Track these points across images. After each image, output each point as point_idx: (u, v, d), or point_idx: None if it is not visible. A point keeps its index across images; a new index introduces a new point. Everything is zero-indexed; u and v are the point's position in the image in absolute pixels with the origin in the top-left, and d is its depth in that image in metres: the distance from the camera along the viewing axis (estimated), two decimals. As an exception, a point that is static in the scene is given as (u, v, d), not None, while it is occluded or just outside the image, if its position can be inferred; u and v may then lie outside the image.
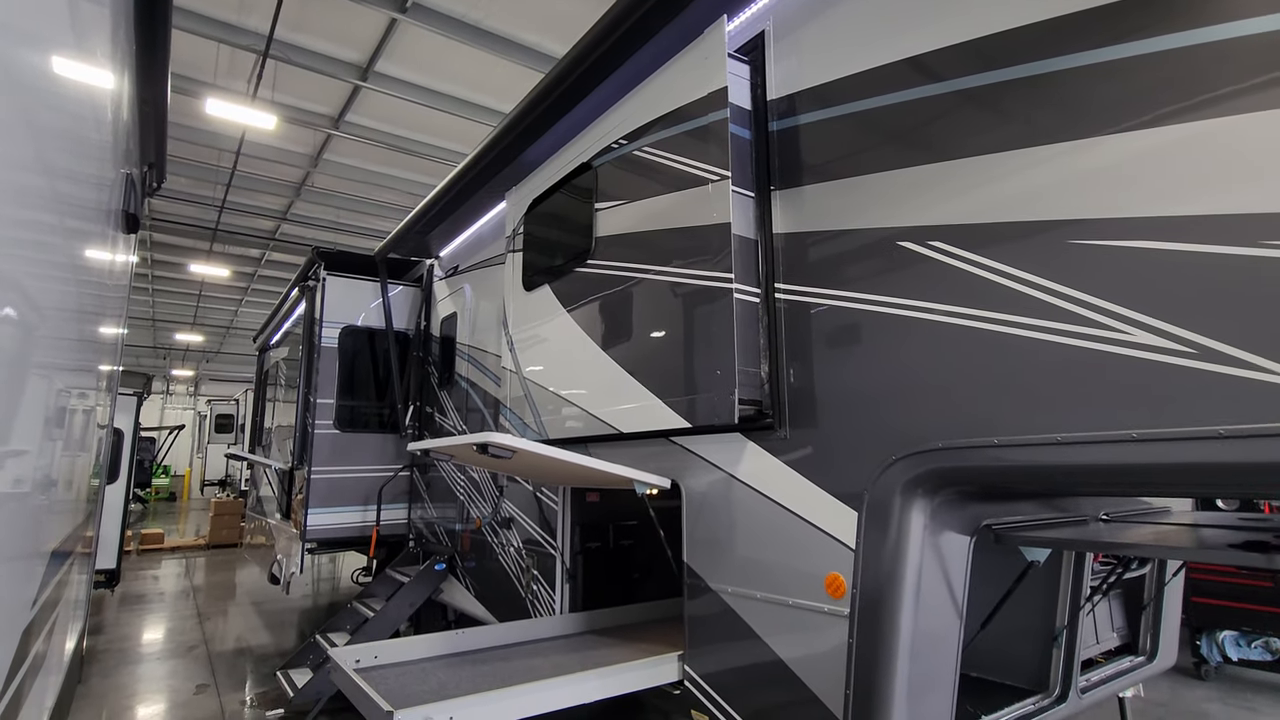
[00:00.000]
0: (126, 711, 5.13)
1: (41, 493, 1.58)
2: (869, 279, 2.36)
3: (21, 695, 1.40)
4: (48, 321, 1.51)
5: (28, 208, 1.30)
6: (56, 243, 1.63)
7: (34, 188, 1.31)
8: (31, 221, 1.36)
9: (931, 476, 2.13)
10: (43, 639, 1.72)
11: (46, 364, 1.57)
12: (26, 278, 1.30)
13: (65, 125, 1.63)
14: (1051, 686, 2.93)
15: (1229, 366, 1.53)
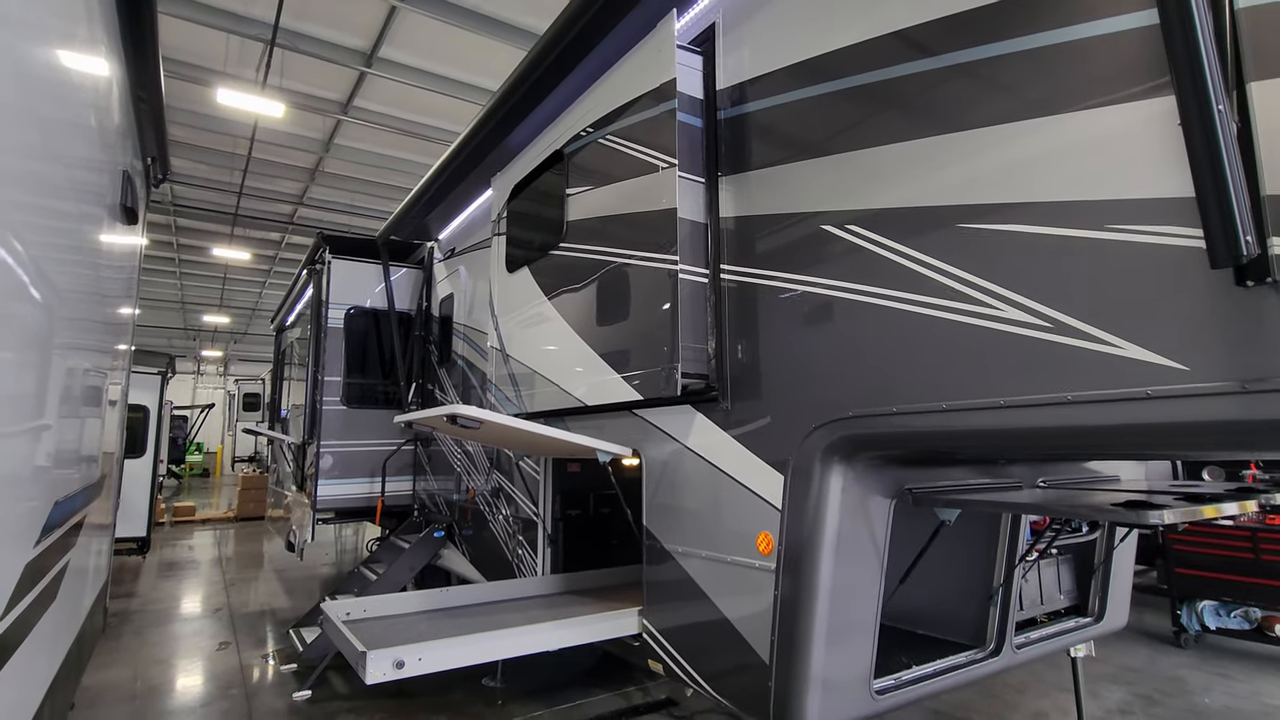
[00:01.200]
0: (155, 664, 5.56)
1: (44, 455, 1.84)
2: (799, 261, 2.52)
3: (32, 613, 1.67)
4: (57, 308, 1.76)
5: (40, 211, 1.53)
6: (62, 240, 1.87)
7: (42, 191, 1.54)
8: (43, 222, 1.59)
9: (845, 443, 2.31)
10: (51, 577, 2.00)
11: (57, 344, 1.82)
12: (39, 271, 1.54)
13: (63, 133, 1.86)
14: (988, 642, 3.12)
15: (1078, 340, 1.69)
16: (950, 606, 3.25)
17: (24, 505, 1.58)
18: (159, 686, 5.08)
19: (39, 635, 1.78)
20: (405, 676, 2.64)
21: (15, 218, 1.45)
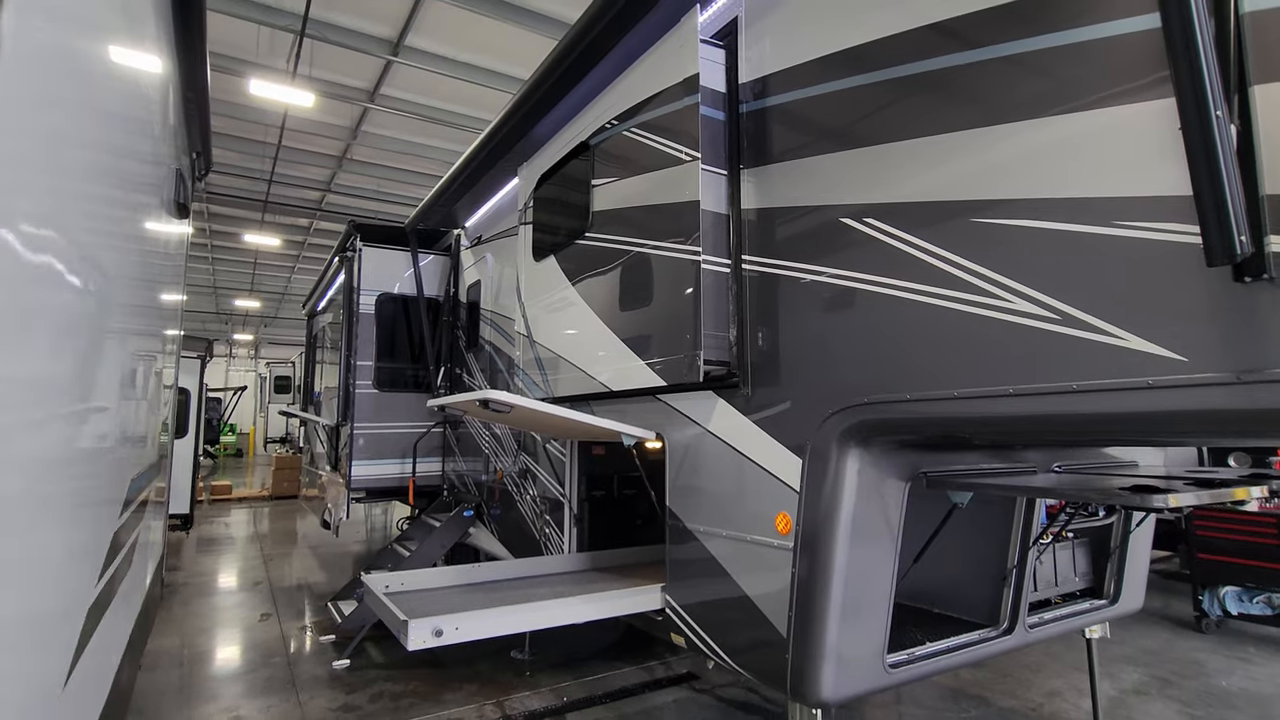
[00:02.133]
0: (202, 633, 5.87)
1: (121, 435, 2.02)
2: (817, 252, 2.61)
3: (116, 579, 1.86)
4: (129, 299, 1.92)
5: (106, 205, 1.67)
6: (132, 236, 2.03)
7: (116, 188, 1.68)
8: (108, 216, 1.74)
9: (861, 428, 2.41)
10: (128, 548, 2.19)
11: (130, 332, 1.98)
12: (117, 266, 1.69)
13: (130, 132, 2.01)
14: (1001, 620, 3.21)
15: (1084, 331, 1.76)
16: (965, 587, 3.34)
17: (111, 482, 1.75)
18: (207, 654, 5.37)
19: (120, 599, 1.97)
20: (443, 644, 2.82)
21: (101, 212, 1.60)
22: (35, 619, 1.21)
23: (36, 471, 1.18)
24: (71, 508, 1.45)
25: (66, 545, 1.41)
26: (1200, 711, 4.17)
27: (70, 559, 1.46)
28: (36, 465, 1.18)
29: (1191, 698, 4.38)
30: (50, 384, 1.22)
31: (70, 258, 1.28)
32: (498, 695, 4.44)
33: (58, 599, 1.38)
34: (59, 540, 1.34)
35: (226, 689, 4.63)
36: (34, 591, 1.20)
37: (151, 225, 2.44)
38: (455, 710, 4.23)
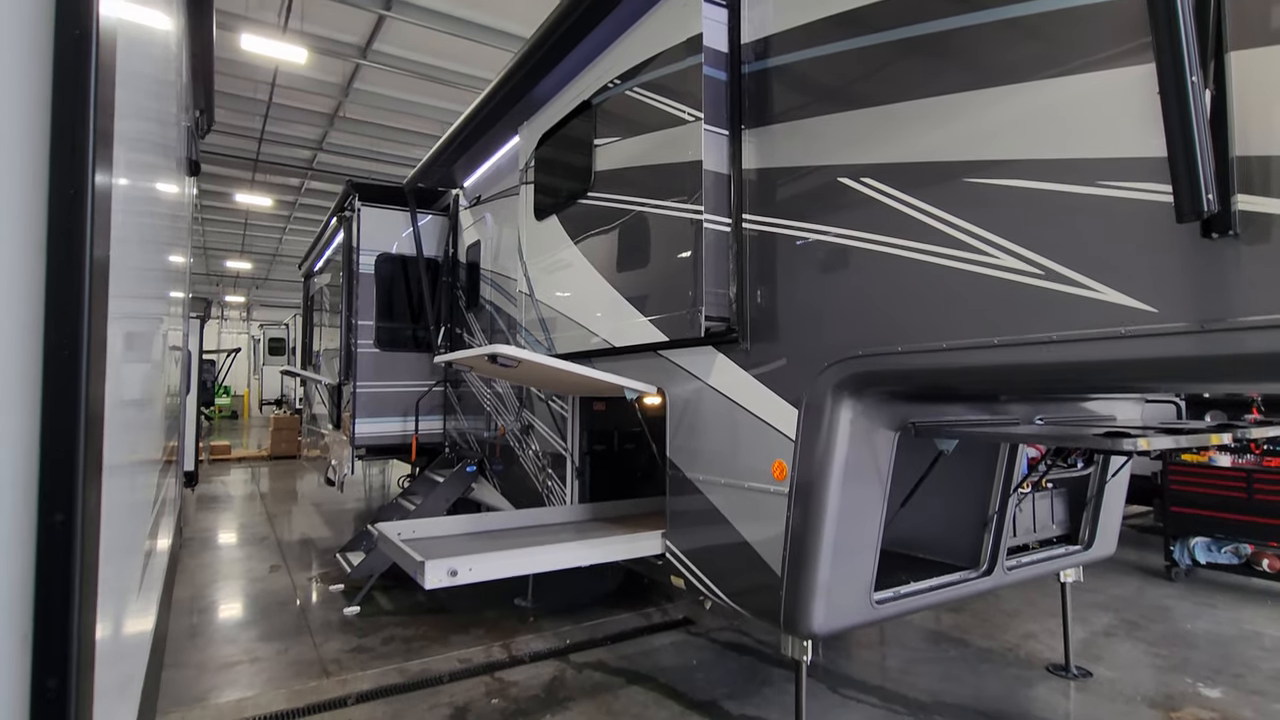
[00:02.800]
0: (216, 583, 6.08)
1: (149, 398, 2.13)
2: (816, 211, 2.71)
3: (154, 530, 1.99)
4: (154, 261, 2.01)
5: (128, 164, 1.74)
6: (146, 192, 2.10)
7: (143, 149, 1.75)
8: (130, 173, 1.81)
9: (854, 379, 2.55)
10: (162, 495, 2.32)
11: (156, 295, 2.07)
12: (146, 228, 1.77)
13: (146, 83, 2.06)
14: (981, 563, 3.41)
15: (1064, 285, 1.89)
16: (948, 533, 3.54)
17: (155, 430, 1.87)
18: (220, 602, 5.58)
19: (157, 544, 2.10)
20: (458, 583, 2.99)
21: (132, 177, 1.68)
22: (128, 546, 1.34)
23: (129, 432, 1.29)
24: (142, 459, 1.57)
25: (140, 486, 1.53)
26: (1165, 651, 4.45)
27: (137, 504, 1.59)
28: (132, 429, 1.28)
29: (1157, 639, 4.65)
30: (120, 348, 1.32)
31: (124, 225, 1.37)
32: (504, 638, 4.66)
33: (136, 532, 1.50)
34: (139, 483, 1.45)
35: (242, 634, 4.84)
36: (128, 522, 1.32)
37: (171, 185, 2.51)
38: (464, 651, 4.45)
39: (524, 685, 3.96)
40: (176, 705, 3.71)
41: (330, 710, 3.66)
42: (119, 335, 1.27)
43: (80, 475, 0.74)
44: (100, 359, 0.85)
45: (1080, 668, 4.14)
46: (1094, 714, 3.61)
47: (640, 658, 4.38)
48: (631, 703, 3.75)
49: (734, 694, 3.86)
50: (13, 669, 0.72)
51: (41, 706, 0.70)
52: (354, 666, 4.22)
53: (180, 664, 4.26)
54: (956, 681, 4.01)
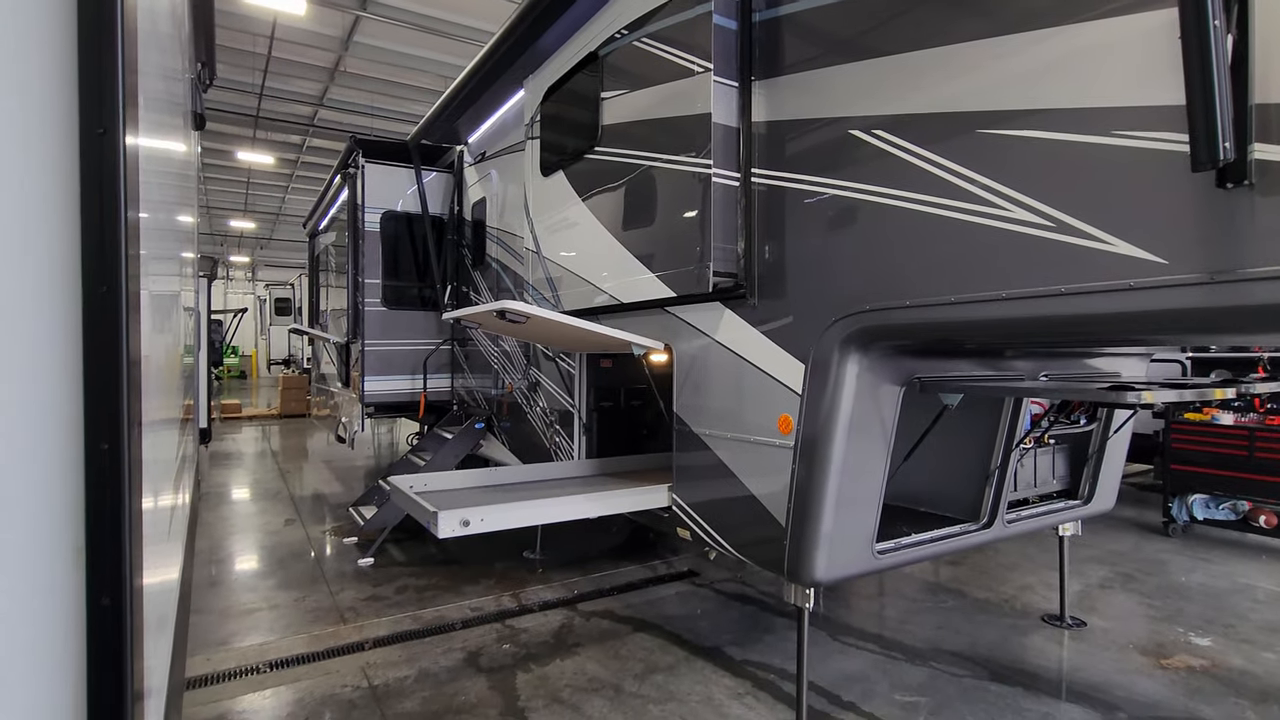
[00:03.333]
0: (233, 535, 6.24)
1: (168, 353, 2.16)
2: (826, 164, 2.68)
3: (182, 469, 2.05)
4: (168, 218, 2.01)
5: (146, 120, 1.74)
6: (161, 147, 2.10)
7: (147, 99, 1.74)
8: (148, 127, 1.81)
9: (861, 334, 2.56)
10: (183, 449, 2.38)
11: (172, 256, 2.08)
12: (163, 187, 1.77)
13: (157, 37, 2.04)
14: (981, 516, 3.48)
15: (1075, 237, 1.89)
16: (950, 487, 3.60)
17: (175, 386, 1.91)
18: (237, 553, 5.74)
19: (181, 492, 2.17)
20: (470, 533, 3.07)
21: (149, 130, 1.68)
22: (157, 489, 1.39)
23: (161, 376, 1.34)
24: (165, 413, 1.61)
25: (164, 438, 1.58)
26: (1158, 603, 4.55)
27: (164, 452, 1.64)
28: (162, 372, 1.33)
29: (1151, 591, 4.76)
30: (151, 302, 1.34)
31: (143, 181, 1.38)
32: (513, 589, 4.80)
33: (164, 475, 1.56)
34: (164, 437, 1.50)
35: (261, 583, 4.99)
36: (157, 466, 1.37)
37: (181, 139, 2.50)
38: (475, 600, 4.59)
39: (534, 632, 4.10)
40: (202, 648, 3.86)
41: (349, 654, 3.80)
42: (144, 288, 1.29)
43: (124, 406, 0.78)
44: (136, 299, 0.88)
45: (1075, 618, 4.25)
46: (1087, 661, 3.72)
47: (646, 607, 4.51)
48: (638, 648, 3.88)
49: (737, 641, 3.98)
50: (68, 587, 0.76)
51: (97, 620, 0.76)
52: (370, 614, 4.37)
53: (204, 610, 4.41)
54: (953, 630, 4.13)
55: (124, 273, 0.79)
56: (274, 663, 3.70)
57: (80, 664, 0.75)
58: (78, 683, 0.76)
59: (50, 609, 0.75)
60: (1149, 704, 3.29)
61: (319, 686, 3.43)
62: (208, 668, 3.63)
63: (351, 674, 3.56)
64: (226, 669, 3.63)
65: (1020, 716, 3.18)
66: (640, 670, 3.61)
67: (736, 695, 3.36)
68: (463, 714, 3.17)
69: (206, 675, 3.56)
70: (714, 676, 3.55)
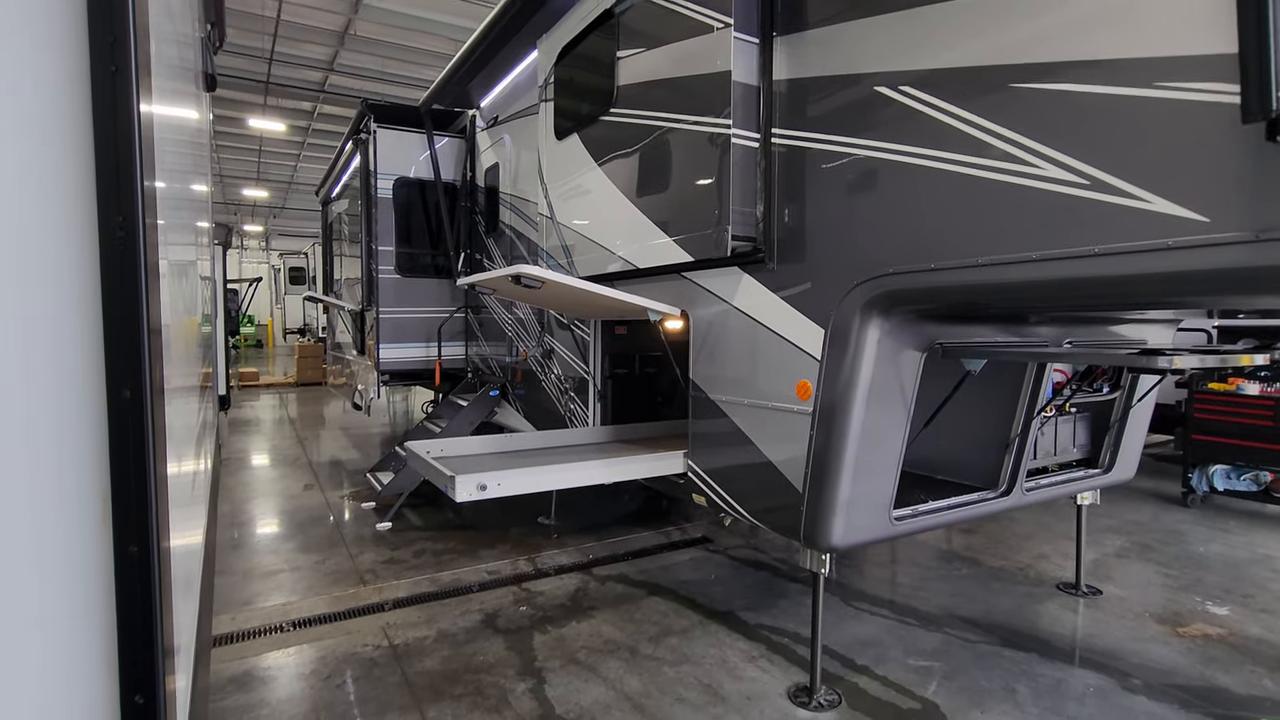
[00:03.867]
0: (254, 499, 6.35)
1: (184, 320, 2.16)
2: (849, 123, 2.60)
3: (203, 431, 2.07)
4: (184, 187, 1.99)
5: (159, 86, 1.71)
6: (174, 110, 2.06)
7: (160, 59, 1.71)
8: (161, 91, 1.78)
9: (883, 298, 2.51)
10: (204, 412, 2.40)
11: (189, 224, 2.06)
12: (179, 154, 1.74)
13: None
14: (1000, 484, 3.45)
15: (1111, 195, 1.82)
16: (968, 455, 3.57)
17: (192, 352, 1.91)
18: (259, 517, 5.84)
19: (203, 457, 2.19)
20: (487, 497, 3.09)
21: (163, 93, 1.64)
22: (180, 450, 1.40)
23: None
24: (183, 376, 1.62)
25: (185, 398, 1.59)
26: (1176, 572, 4.53)
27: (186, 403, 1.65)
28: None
29: (1169, 560, 4.73)
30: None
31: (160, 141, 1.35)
32: (529, 553, 4.86)
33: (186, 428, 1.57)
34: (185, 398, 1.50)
35: (282, 545, 5.09)
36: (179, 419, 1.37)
37: (193, 101, 2.46)
38: (492, 564, 4.66)
39: (550, 595, 4.16)
40: (228, 608, 3.95)
41: (369, 614, 3.88)
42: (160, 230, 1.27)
43: (145, 354, 0.77)
44: (153, 238, 0.86)
45: (1090, 586, 4.24)
46: (1102, 629, 3.72)
47: (660, 572, 4.55)
48: (653, 611, 3.92)
49: (751, 606, 4.02)
50: (95, 537, 0.77)
51: (125, 569, 0.76)
52: (389, 576, 4.44)
53: (227, 571, 4.51)
54: (967, 598, 4.14)
55: (140, 212, 0.77)
56: (296, 622, 3.78)
57: (109, 610, 0.76)
58: (108, 628, 0.76)
59: (80, 557, 0.75)
60: (1164, 671, 3.29)
61: (341, 645, 3.51)
62: (233, 626, 3.72)
63: (372, 634, 3.64)
64: (251, 628, 3.71)
65: (1034, 682, 3.19)
66: (655, 633, 3.66)
67: (750, 658, 3.40)
68: (481, 673, 3.23)
69: (232, 633, 3.64)
70: (728, 640, 3.59)
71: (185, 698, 1.29)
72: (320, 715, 2.89)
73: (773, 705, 2.99)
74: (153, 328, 0.78)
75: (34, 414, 0.76)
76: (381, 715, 2.89)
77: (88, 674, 0.77)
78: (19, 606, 0.75)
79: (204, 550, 2.30)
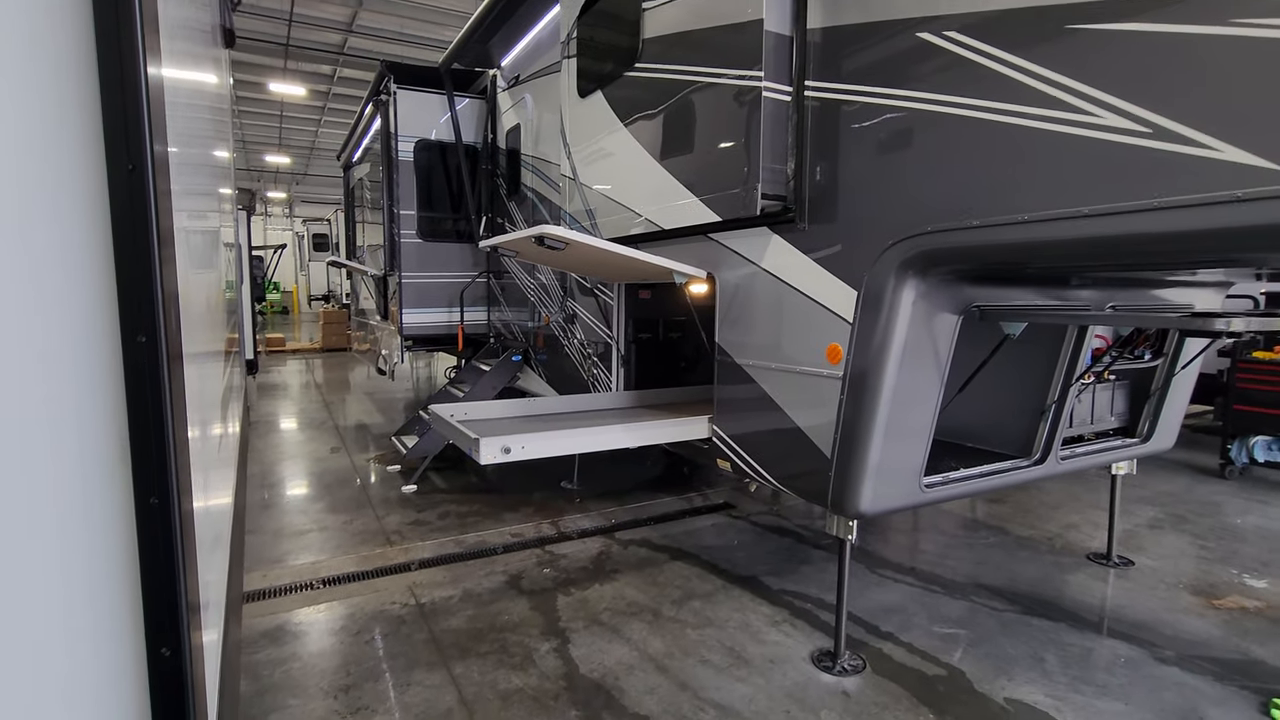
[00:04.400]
0: (284, 461, 6.47)
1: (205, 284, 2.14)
2: (888, 74, 2.47)
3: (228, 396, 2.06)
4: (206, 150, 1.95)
5: (171, 49, 1.65)
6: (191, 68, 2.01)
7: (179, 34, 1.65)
8: (173, 48, 1.73)
9: (921, 258, 2.42)
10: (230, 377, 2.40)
11: (195, 190, 2.02)
12: (199, 118, 1.69)
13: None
14: (1034, 452, 3.37)
15: (1175, 144, 1.70)
16: (1003, 423, 3.48)
17: (215, 315, 1.89)
18: (288, 479, 5.95)
19: (230, 419, 2.19)
20: (511, 460, 3.09)
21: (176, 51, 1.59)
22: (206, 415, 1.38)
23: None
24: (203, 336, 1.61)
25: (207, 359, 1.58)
26: (1211, 544, 4.42)
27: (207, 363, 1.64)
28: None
29: (1204, 532, 4.63)
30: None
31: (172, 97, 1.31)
32: (552, 517, 4.89)
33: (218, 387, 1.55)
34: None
35: (310, 506, 5.18)
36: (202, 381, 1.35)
37: (211, 59, 2.41)
38: (515, 526, 4.70)
39: (573, 558, 4.18)
40: (259, 565, 4.04)
41: (395, 574, 3.94)
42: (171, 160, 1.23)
43: (159, 299, 0.73)
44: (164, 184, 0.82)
45: (1122, 556, 4.16)
46: (1133, 600, 3.66)
47: (683, 537, 4.56)
48: (675, 575, 3.93)
49: (774, 571, 4.01)
50: (115, 487, 0.74)
51: (146, 521, 0.74)
52: (414, 537, 4.50)
53: (258, 530, 4.60)
54: (994, 566, 4.09)
55: (148, 147, 0.73)
56: (326, 579, 3.85)
57: (133, 563, 0.74)
58: (133, 580, 0.75)
59: (100, 507, 0.73)
60: (1198, 642, 3.23)
61: (369, 603, 3.57)
62: (264, 583, 3.81)
63: (399, 592, 3.70)
64: (282, 584, 3.79)
65: (1063, 651, 3.15)
66: (678, 596, 3.67)
67: (774, 623, 3.40)
68: (506, 632, 3.27)
69: (264, 589, 3.73)
70: (751, 604, 3.59)
71: (216, 650, 1.29)
72: (350, 669, 2.95)
73: (796, 669, 2.99)
74: (165, 272, 0.75)
75: (50, 361, 0.74)
76: (409, 671, 2.94)
77: (113, 628, 0.75)
78: (43, 560, 0.73)
79: (233, 508, 2.32)
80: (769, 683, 2.88)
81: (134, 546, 0.74)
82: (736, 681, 2.89)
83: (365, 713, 2.66)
